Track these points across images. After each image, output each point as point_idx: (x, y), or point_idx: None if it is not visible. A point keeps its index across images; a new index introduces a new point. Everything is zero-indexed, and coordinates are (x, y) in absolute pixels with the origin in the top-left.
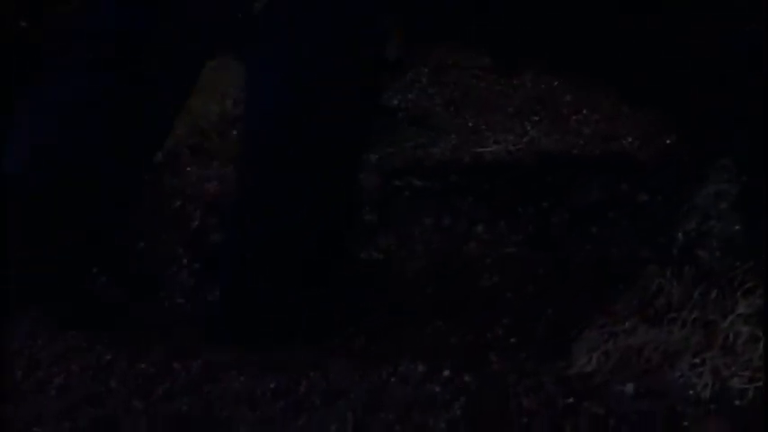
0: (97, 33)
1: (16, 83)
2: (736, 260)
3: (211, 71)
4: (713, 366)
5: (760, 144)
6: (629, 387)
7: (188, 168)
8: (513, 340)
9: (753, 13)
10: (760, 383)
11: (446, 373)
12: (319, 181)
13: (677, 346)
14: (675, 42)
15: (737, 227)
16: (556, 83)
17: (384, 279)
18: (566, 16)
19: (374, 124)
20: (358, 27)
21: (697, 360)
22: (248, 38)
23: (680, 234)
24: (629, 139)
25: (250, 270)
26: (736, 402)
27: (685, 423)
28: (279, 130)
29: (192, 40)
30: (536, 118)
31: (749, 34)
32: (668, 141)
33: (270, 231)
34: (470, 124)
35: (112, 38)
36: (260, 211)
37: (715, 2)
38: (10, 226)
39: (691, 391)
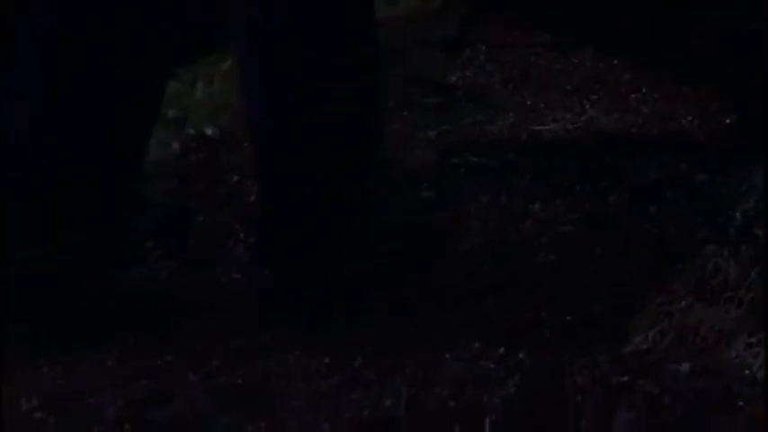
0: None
1: None
2: None
3: None
4: None
5: None
6: (685, 366)
7: (245, 144)
8: (568, 318)
9: None
10: None
11: (501, 350)
12: (319, 181)
13: (733, 326)
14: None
15: None
16: (615, 61)
17: (441, 257)
18: None
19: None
20: (357, 27)
21: (753, 340)
22: (243, 36)
23: (738, 213)
24: (689, 119)
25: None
26: None
27: (740, 402)
28: (278, 130)
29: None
30: (595, 96)
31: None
32: (727, 121)
33: (275, 228)
34: (528, 102)
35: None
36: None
37: None
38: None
39: (746, 371)
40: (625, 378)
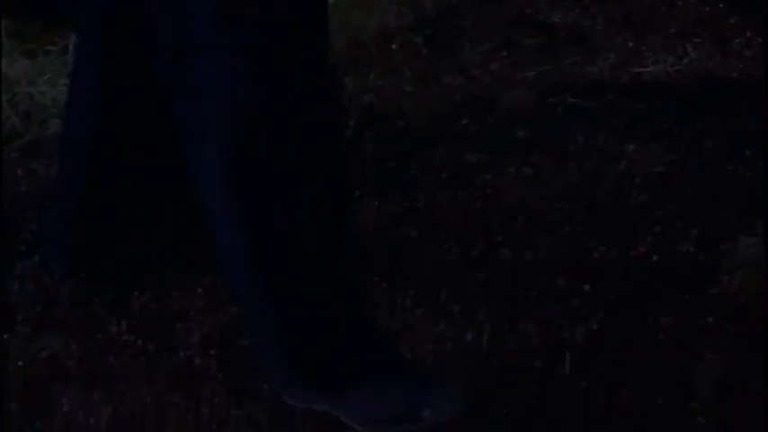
0: None
1: None
2: None
3: None
4: None
5: None
6: None
7: (344, 79)
8: (655, 258)
9: None
10: None
11: (586, 287)
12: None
13: None
14: None
15: None
16: (721, 5)
17: (533, 194)
18: None
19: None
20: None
21: None
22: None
23: None
24: None
25: None
26: None
27: None
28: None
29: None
30: (698, 40)
31: None
32: None
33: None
34: (630, 44)
35: None
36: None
37: None
38: None
39: None
40: (710, 319)
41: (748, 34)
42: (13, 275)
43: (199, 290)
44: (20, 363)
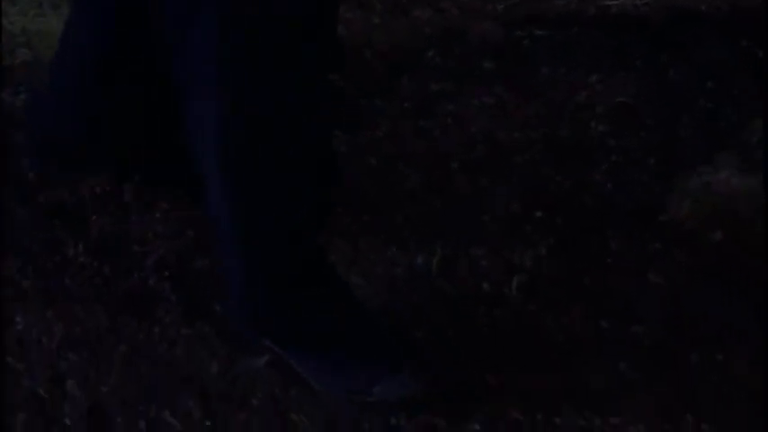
0: None
1: None
2: None
3: None
4: None
5: None
6: (718, 235)
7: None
8: (609, 186)
9: None
10: None
11: (538, 213)
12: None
13: None
14: None
15: None
16: None
17: (494, 124)
18: None
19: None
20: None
21: None
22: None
23: None
24: None
25: None
26: None
27: None
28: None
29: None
30: None
31: None
32: None
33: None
34: None
35: None
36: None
37: None
38: None
39: None
40: (658, 245)
41: None
42: None
43: (157, 214)
44: None
